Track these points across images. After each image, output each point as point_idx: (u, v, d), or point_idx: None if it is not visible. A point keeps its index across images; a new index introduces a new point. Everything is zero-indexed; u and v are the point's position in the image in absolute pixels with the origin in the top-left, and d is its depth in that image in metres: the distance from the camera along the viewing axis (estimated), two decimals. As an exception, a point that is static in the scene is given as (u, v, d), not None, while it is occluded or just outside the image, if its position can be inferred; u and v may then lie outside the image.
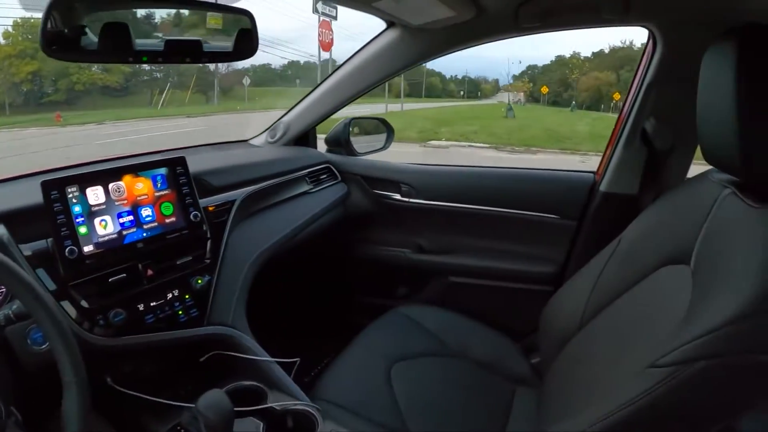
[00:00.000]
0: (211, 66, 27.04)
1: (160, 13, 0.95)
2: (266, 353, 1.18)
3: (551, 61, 41.78)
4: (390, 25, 1.66)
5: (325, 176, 1.85)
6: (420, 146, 14.05)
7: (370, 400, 1.24)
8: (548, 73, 40.90)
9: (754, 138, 0.79)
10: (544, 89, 36.96)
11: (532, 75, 42.62)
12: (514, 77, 42.22)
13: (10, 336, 0.89)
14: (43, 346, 0.90)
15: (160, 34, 0.96)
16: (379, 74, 1.77)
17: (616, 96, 27.18)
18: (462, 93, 46.88)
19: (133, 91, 27.66)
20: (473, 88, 48.75)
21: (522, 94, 39.87)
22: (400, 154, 2.24)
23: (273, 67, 38.31)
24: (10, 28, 22.42)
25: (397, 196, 1.89)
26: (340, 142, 1.97)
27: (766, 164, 0.81)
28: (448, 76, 48.96)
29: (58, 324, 0.71)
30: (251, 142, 2.00)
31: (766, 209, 0.80)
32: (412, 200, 1.87)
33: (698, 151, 0.98)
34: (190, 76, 27.80)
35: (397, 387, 1.29)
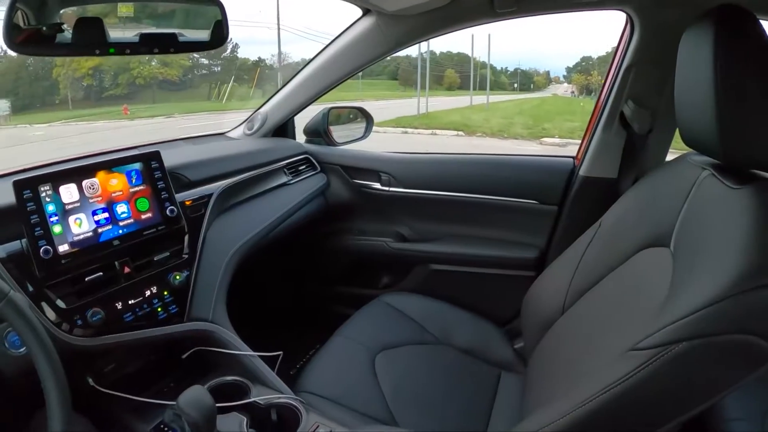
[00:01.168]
0: (269, 60, 28.59)
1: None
2: (248, 347, 1.17)
3: (607, 53, 40.25)
4: (365, 12, 1.64)
5: (304, 167, 1.83)
6: (537, 144, 13.72)
7: (355, 390, 1.24)
8: (605, 65, 39.53)
9: (732, 120, 0.79)
10: (606, 81, 36.07)
11: (586, 66, 41.30)
12: (568, 69, 41.66)
13: None
14: (21, 350, 0.88)
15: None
16: (356, 62, 1.75)
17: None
18: (515, 85, 45.67)
19: (191, 84, 28.09)
20: (525, 80, 47.62)
21: (575, 86, 39.28)
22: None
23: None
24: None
25: (377, 186, 1.88)
26: (319, 132, 1.95)
27: (744, 146, 0.80)
28: (498, 68, 47.65)
29: (33, 329, 0.70)
30: (228, 134, 1.97)
31: (745, 190, 0.80)
32: (392, 189, 1.86)
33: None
34: (246, 70, 28.63)
35: (381, 376, 1.29)
